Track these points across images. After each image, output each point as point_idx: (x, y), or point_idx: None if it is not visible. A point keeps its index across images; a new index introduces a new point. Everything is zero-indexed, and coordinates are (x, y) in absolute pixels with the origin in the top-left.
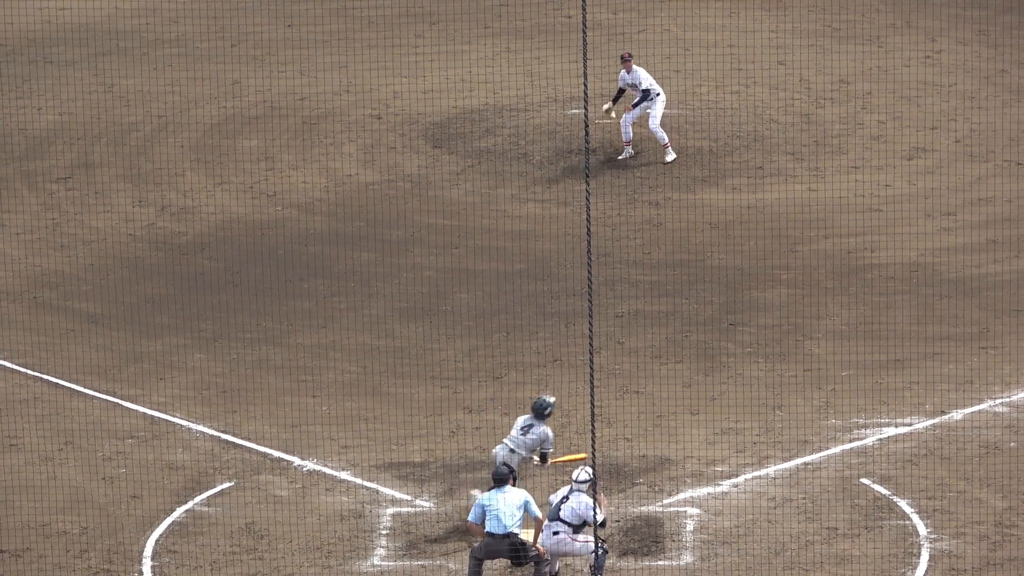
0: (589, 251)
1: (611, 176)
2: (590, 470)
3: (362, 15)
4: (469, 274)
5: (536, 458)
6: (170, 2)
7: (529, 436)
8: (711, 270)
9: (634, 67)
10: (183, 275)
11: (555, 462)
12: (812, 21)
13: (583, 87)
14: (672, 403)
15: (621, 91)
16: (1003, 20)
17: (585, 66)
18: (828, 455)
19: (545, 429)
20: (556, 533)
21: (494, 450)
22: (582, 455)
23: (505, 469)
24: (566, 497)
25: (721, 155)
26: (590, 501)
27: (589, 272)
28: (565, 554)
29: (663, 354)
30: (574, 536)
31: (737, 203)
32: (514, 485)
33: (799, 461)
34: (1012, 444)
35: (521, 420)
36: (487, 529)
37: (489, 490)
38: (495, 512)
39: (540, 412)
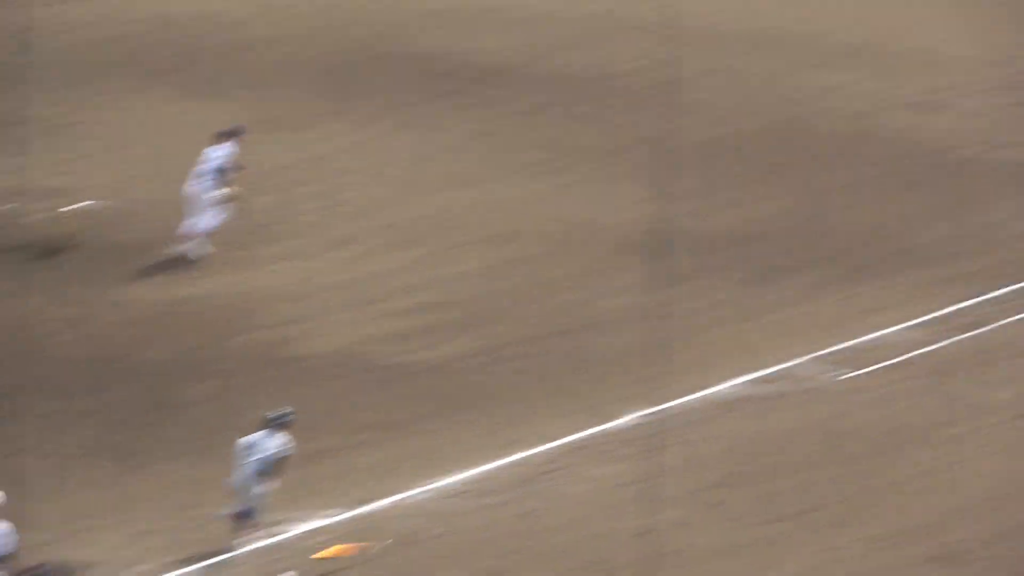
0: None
1: (39, 274)
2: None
3: None
4: None
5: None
6: None
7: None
8: (137, 365)
9: None
10: None
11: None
12: (244, 110)
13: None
14: (91, 505)
15: (223, 170)
16: (430, 108)
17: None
18: (248, 551)
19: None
20: None
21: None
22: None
23: None
24: None
25: (150, 248)
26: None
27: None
28: None
29: (85, 454)
30: None
31: (165, 297)
32: None
33: (219, 558)
34: (438, 532)
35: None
36: None
37: None
38: None
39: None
